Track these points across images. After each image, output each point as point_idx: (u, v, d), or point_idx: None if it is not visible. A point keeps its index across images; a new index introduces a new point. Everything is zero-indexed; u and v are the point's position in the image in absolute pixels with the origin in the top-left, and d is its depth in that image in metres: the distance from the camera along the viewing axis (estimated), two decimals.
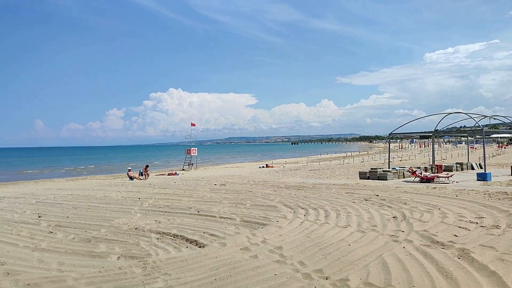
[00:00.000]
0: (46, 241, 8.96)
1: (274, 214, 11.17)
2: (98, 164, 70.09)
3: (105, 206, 13.92)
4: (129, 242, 8.56)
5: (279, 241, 8.02)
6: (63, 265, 7.07)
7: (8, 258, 7.66)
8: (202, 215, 11.46)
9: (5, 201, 16.62)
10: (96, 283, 5.94)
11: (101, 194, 17.77)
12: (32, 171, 55.37)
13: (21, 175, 46.43)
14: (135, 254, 7.58)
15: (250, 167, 43.96)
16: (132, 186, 21.60)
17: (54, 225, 10.84)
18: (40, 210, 13.52)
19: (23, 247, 8.54)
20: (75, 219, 11.53)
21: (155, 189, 19.12)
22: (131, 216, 11.73)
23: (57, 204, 14.89)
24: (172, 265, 6.65)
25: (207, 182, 21.70)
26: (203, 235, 8.83)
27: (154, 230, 9.55)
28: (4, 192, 21.58)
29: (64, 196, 17.41)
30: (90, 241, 8.83)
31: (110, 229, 9.98)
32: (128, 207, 13.45)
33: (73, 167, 62.34)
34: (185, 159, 45.32)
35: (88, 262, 7.22)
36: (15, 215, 12.78)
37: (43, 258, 7.58)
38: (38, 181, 32.91)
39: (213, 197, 15.05)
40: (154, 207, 13.16)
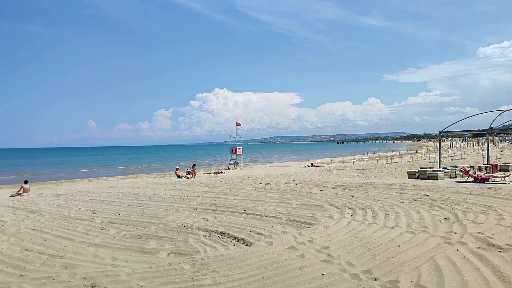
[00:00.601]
0: (100, 237, 9.34)
1: (320, 213, 11.09)
2: (147, 163, 72.16)
3: (154, 204, 14.33)
4: (178, 239, 8.77)
5: (326, 240, 7.95)
6: (116, 260, 7.35)
7: (66, 252, 8.06)
8: (249, 213, 11.55)
9: (62, 198, 17.48)
10: (147, 279, 6.14)
11: (150, 192, 18.30)
12: (88, 169, 57.83)
13: (76, 174, 48.60)
14: (184, 251, 7.76)
15: (295, 166, 43.80)
16: (180, 184, 22.09)
17: (107, 221, 11.28)
18: (94, 207, 14.11)
19: (79, 242, 8.96)
20: (126, 216, 11.94)
21: (202, 187, 19.46)
22: (180, 213, 12.01)
23: (109, 202, 15.48)
24: (220, 263, 6.76)
25: (252, 181, 21.84)
26: (249, 234, 8.91)
27: (202, 228, 9.74)
28: (61, 190, 22.72)
29: (116, 194, 18.07)
30: (141, 237, 9.12)
31: (159, 226, 10.26)
32: (176, 205, 13.78)
33: (123, 166, 64.53)
34: (230, 158, 45.82)
35: (139, 258, 7.48)
36: (71, 211, 13.41)
37: (97, 253, 7.92)
38: (91, 179, 34.35)
39: (259, 196, 15.13)
40: (201, 205, 13.40)
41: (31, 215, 13.01)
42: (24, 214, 13.31)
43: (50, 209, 14.05)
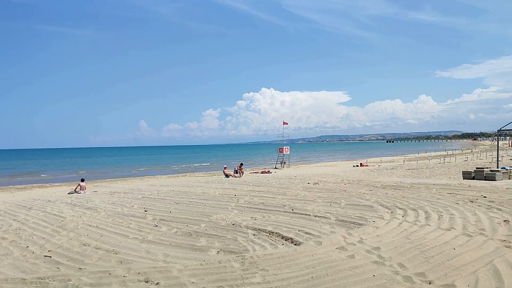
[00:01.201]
0: (152, 234, 9.63)
1: (370, 214, 10.88)
2: (195, 162, 73.59)
3: (203, 202, 14.59)
4: (227, 237, 8.89)
5: (376, 241, 7.79)
6: (168, 257, 7.55)
7: (120, 248, 8.38)
8: (297, 213, 11.51)
9: (115, 196, 18.17)
10: (198, 275, 6.26)
11: (199, 190, 18.65)
12: (140, 168, 59.78)
13: (129, 172, 50.36)
14: (233, 249, 7.85)
15: (344, 165, 43.19)
16: (228, 183, 22.37)
17: (158, 219, 11.61)
18: (146, 205, 14.57)
19: (133, 238, 9.28)
20: (177, 214, 12.24)
21: (250, 186, 19.60)
22: (228, 212, 12.16)
23: (160, 200, 15.92)
24: (269, 261, 6.78)
25: (300, 181, 21.74)
26: (298, 233, 8.87)
27: (251, 227, 9.81)
28: (114, 188, 23.63)
29: (167, 192, 18.56)
30: (192, 235, 9.32)
31: (209, 224, 10.44)
32: (225, 203, 13.96)
33: (173, 165, 66.14)
34: (277, 158, 45.85)
35: (190, 255, 7.64)
36: (124, 209, 13.91)
37: (150, 249, 8.17)
38: (143, 178, 35.49)
39: (307, 196, 15.04)
40: (249, 204, 13.50)
41: (88, 211, 13.62)
42: (81, 210, 13.95)
43: (105, 206, 14.65)
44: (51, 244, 9.04)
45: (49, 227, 11.07)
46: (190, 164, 68.01)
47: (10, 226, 11.53)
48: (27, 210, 14.65)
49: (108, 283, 6.10)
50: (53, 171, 58.14)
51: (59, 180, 39.48)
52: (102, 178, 38.75)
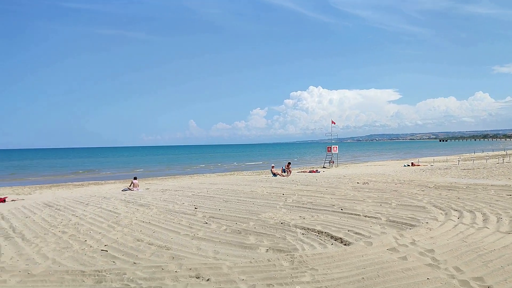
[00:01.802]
0: (203, 231, 9.82)
1: (423, 215, 10.54)
2: (243, 161, 74.25)
3: (252, 200, 14.69)
4: (276, 236, 8.91)
5: (430, 243, 7.54)
6: (218, 254, 7.68)
7: (172, 244, 8.61)
8: (346, 213, 11.35)
9: (167, 193, 18.68)
10: (248, 273, 6.32)
11: (248, 189, 18.80)
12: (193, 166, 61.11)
13: (179, 170, 51.58)
14: (282, 247, 7.86)
15: (394, 165, 42.07)
16: (275, 182, 22.40)
17: (208, 216, 11.82)
18: (196, 202, 14.87)
19: (184, 235, 9.50)
20: (226, 212, 12.41)
21: (298, 185, 19.53)
22: (277, 211, 12.18)
23: (210, 198, 16.20)
24: (319, 261, 6.74)
25: (349, 180, 21.41)
26: (347, 233, 8.75)
27: (299, 226, 9.78)
28: (166, 185, 24.29)
29: (216, 190, 18.85)
30: (241, 233, 9.42)
31: (258, 222, 10.51)
32: (273, 202, 14.00)
33: (221, 164, 67.08)
34: (325, 157, 45.37)
35: (239, 253, 7.73)
36: (175, 206, 14.27)
37: (200, 246, 8.34)
38: (193, 176, 36.23)
39: (356, 196, 14.79)
40: (297, 203, 13.46)
41: (141, 208, 14.09)
42: (135, 207, 14.45)
43: (157, 203, 15.10)
44: (107, 239, 9.43)
45: (105, 223, 11.55)
46: (238, 163, 68.70)
47: (69, 221, 12.14)
48: (84, 206, 15.37)
49: (161, 277, 6.28)
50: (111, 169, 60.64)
51: (115, 177, 41.11)
52: (154, 176, 39.94)
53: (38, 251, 8.59)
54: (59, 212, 14.19)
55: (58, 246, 8.95)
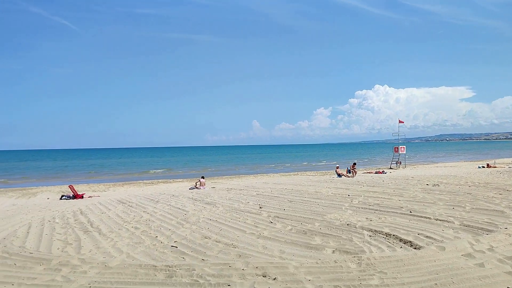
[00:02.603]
0: (268, 230, 9.89)
1: (501, 219, 9.89)
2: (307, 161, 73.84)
3: (316, 201, 14.58)
4: (342, 237, 8.78)
5: (510, 250, 7.07)
6: (284, 253, 7.70)
7: (238, 242, 8.76)
8: (415, 215, 10.93)
9: (232, 192, 19.02)
10: (314, 273, 6.29)
11: (312, 189, 18.68)
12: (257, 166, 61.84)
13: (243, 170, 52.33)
14: (349, 249, 7.73)
15: (467, 166, 39.83)
16: (340, 183, 22.06)
17: (273, 216, 11.89)
18: (260, 202, 15.01)
19: (250, 233, 9.62)
20: (290, 212, 12.41)
21: (364, 186, 19.10)
22: (342, 212, 11.99)
23: (274, 197, 16.28)
24: (387, 264, 6.55)
25: (418, 182, 20.59)
26: (417, 236, 8.42)
27: (366, 228, 9.56)
28: (230, 185, 24.76)
29: (280, 190, 18.91)
30: (306, 233, 9.38)
31: (323, 223, 10.41)
32: (338, 203, 13.79)
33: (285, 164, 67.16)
34: (392, 157, 43.97)
35: (305, 253, 7.70)
36: (240, 205, 14.50)
37: (266, 245, 8.41)
38: (256, 176, 36.63)
39: (426, 198, 14.19)
40: (364, 205, 13.16)
41: (208, 206, 14.46)
42: (202, 205, 14.86)
43: (223, 202, 15.42)
44: (176, 235, 9.78)
45: (174, 220, 11.99)
46: (301, 163, 68.45)
47: (141, 217, 12.73)
48: (154, 203, 16.04)
49: (229, 275, 6.42)
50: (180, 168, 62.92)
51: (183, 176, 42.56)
52: (219, 175, 40.83)
53: (114, 245, 9.09)
54: (132, 208, 14.93)
55: (131, 241, 9.42)
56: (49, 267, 7.37)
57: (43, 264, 7.58)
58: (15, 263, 7.77)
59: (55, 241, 9.74)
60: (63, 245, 9.34)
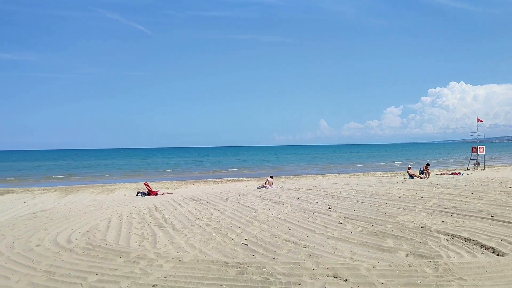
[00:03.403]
0: (338, 231, 9.75)
1: None
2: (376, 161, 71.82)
3: (388, 202, 14.14)
4: (416, 240, 8.44)
5: None
6: (355, 255, 7.56)
7: (308, 242, 8.72)
8: (497, 220, 10.24)
9: (300, 192, 18.98)
10: (387, 276, 6.11)
11: (383, 190, 18.14)
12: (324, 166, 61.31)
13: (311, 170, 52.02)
14: (424, 253, 7.42)
15: None
16: (413, 184, 21.21)
17: (343, 216, 11.70)
18: (329, 202, 14.83)
19: (319, 234, 9.55)
20: (361, 213, 12.14)
21: (438, 188, 18.21)
22: (416, 214, 11.53)
23: (343, 198, 16.01)
24: (467, 270, 6.20)
25: (499, 184, 19.26)
26: (501, 243, 7.89)
27: (442, 231, 9.12)
28: (298, 184, 24.71)
29: (349, 191, 18.56)
30: (377, 235, 9.13)
31: (395, 225, 10.07)
32: (411, 205, 13.27)
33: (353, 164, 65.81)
34: (470, 158, 41.47)
35: (377, 255, 7.50)
36: (309, 204, 14.42)
37: (336, 246, 8.30)
38: (324, 176, 36.24)
39: (509, 202, 13.22)
40: (439, 207, 12.56)
41: (276, 205, 14.55)
42: (270, 204, 14.97)
43: (291, 201, 15.43)
44: (246, 233, 9.95)
45: (244, 218, 12.19)
46: (370, 163, 66.70)
47: (212, 215, 13.09)
48: (224, 201, 16.42)
49: (299, 274, 6.41)
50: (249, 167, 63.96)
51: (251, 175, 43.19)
52: (287, 175, 40.89)
53: (187, 240, 9.43)
54: (203, 206, 15.40)
55: (203, 237, 9.72)
56: (128, 260, 7.82)
57: (123, 257, 8.04)
58: (98, 255, 8.32)
59: (132, 235, 10.30)
60: (140, 239, 9.85)
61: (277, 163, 77.13)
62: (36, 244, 9.58)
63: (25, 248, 9.14)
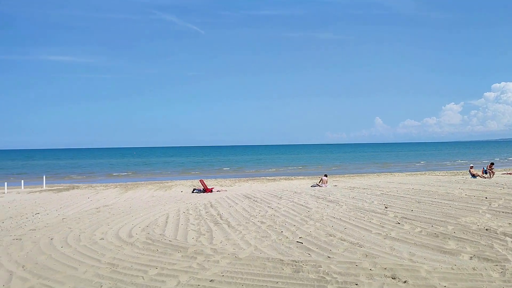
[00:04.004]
0: (395, 231, 9.49)
1: None
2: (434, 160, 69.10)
3: (448, 202, 13.57)
4: (480, 243, 8.05)
5: None
6: (414, 256, 7.32)
7: (364, 241, 8.56)
8: None
9: (355, 191, 18.64)
10: (450, 280, 5.88)
11: (442, 190, 17.43)
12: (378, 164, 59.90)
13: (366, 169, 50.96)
14: (489, 256, 7.05)
15: None
16: (475, 184, 20.20)
17: (400, 216, 11.36)
18: (386, 202, 14.45)
19: (376, 233, 9.34)
20: (419, 213, 11.73)
21: (504, 189, 17.23)
22: (479, 216, 10.97)
23: (400, 197, 15.55)
24: None
25: None
26: None
27: (509, 234, 8.62)
28: (353, 183, 24.30)
29: (406, 190, 18.00)
30: (438, 236, 8.79)
31: (457, 227, 9.64)
32: (474, 206, 12.65)
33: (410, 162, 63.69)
34: None
35: (438, 257, 7.22)
36: (365, 204, 14.13)
37: (394, 246, 8.08)
38: (380, 175, 35.36)
39: None
40: (505, 209, 11.88)
41: (330, 204, 14.38)
42: (325, 203, 14.82)
43: (346, 200, 15.19)
44: (301, 231, 9.92)
45: (298, 216, 12.15)
46: (428, 162, 64.26)
47: (266, 212, 13.16)
48: (278, 199, 16.45)
49: (356, 274, 6.31)
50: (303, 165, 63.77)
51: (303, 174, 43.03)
52: (341, 174, 40.30)
53: (242, 237, 9.55)
54: (256, 203, 15.52)
55: (258, 234, 9.80)
56: (186, 255, 8.04)
57: (181, 252, 8.28)
58: (157, 249, 8.62)
59: (189, 231, 10.57)
60: (196, 235, 10.09)
61: (331, 161, 76.20)
62: (100, 237, 10.09)
63: (90, 241, 9.65)
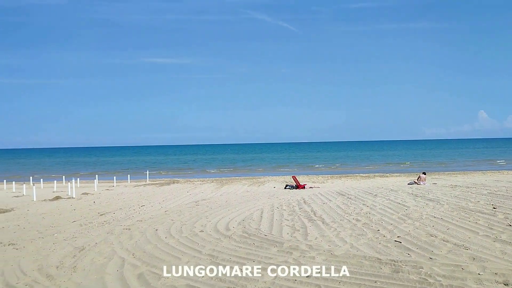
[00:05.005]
0: (506, 234, 8.73)
1: None
2: None
3: None
4: None
5: None
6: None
7: (470, 244, 7.99)
8: None
9: (457, 190, 17.46)
10: None
11: None
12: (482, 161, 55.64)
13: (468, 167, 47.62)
14: None
15: None
16: None
17: (511, 218, 10.44)
18: (494, 201, 13.33)
19: (483, 235, 8.67)
20: None
21: None
22: None
23: (510, 197, 14.25)
24: None
25: None
26: None
27: None
28: (454, 181, 22.86)
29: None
30: None
31: None
32: None
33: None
34: None
35: None
36: (469, 203, 13.17)
37: (505, 250, 7.45)
38: (485, 173, 32.80)
39: None
40: None
41: (430, 203, 13.63)
42: (424, 201, 14.08)
43: (447, 199, 14.29)
44: (398, 230, 9.55)
45: (395, 214, 11.71)
46: None
47: (361, 210, 12.86)
48: (373, 197, 15.97)
49: (462, 277, 5.93)
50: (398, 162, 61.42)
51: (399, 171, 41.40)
52: (440, 171, 38.06)
53: (337, 235, 9.44)
54: (351, 201, 15.22)
55: (353, 232, 9.62)
56: (281, 250, 8.16)
57: (276, 246, 8.42)
58: (254, 243, 8.85)
59: (284, 227, 10.71)
60: (291, 230, 10.18)
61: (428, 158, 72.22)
62: (199, 229, 10.61)
63: (191, 233, 10.19)
